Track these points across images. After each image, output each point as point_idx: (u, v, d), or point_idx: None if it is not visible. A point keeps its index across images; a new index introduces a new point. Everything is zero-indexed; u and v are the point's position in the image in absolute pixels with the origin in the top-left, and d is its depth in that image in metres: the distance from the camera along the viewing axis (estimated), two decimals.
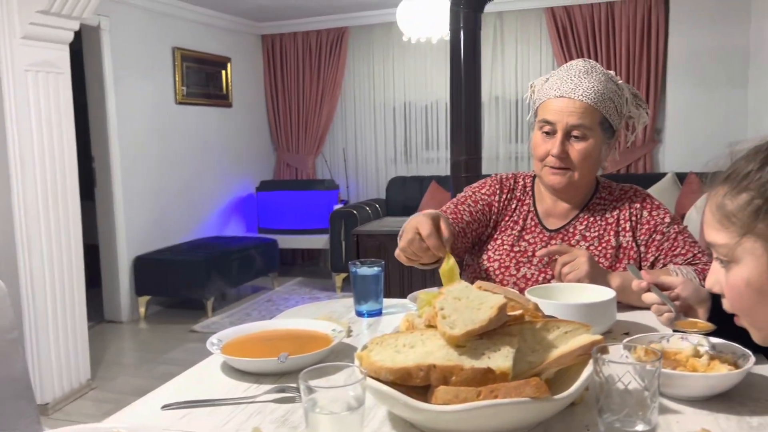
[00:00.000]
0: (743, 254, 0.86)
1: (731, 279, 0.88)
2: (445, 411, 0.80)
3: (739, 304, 0.90)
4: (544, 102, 1.55)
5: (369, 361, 0.90)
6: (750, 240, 0.84)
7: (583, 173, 1.53)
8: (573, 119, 1.49)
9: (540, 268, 1.57)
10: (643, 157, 5.37)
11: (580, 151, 1.51)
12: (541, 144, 1.54)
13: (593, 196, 1.63)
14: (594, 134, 1.51)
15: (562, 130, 1.50)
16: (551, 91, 1.53)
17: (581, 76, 1.51)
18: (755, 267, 0.85)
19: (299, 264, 6.53)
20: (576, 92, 1.49)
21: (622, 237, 1.56)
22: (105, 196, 4.64)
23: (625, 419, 0.83)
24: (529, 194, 1.67)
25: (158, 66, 5.07)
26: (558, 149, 1.50)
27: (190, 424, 0.94)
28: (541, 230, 1.61)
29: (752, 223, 0.84)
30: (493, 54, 5.72)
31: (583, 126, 1.49)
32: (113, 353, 4.10)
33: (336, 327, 1.28)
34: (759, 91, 4.71)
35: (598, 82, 1.51)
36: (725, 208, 0.87)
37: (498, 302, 0.92)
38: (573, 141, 1.51)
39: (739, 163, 0.88)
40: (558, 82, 1.54)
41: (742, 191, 0.85)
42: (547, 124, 1.52)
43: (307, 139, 6.33)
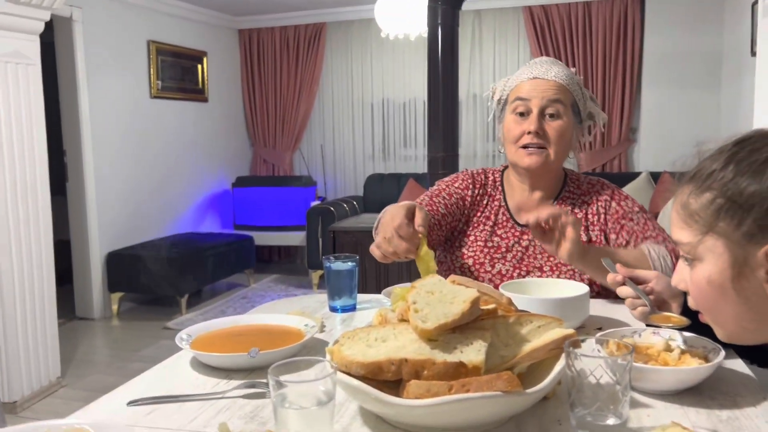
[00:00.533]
0: (705, 252, 0.87)
1: (694, 277, 0.89)
2: (416, 405, 0.79)
3: (702, 302, 0.91)
4: (517, 86, 1.56)
5: (340, 355, 0.88)
6: (711, 238, 0.86)
7: (558, 154, 1.53)
8: (549, 95, 1.50)
9: (514, 264, 1.57)
10: (618, 157, 5.42)
11: (556, 129, 1.51)
12: (514, 126, 1.54)
13: (562, 188, 1.63)
14: (567, 114, 1.53)
15: (537, 107, 1.51)
16: (523, 76, 1.55)
17: (550, 63, 1.55)
18: (716, 265, 0.86)
19: (276, 261, 6.49)
20: (549, 74, 1.52)
21: (592, 231, 1.57)
22: (77, 191, 4.56)
23: (597, 413, 0.83)
24: (499, 189, 1.66)
25: (133, 59, 4.99)
26: (536, 125, 1.50)
27: (157, 421, 0.92)
28: (513, 225, 1.61)
29: (714, 221, 0.85)
30: (472, 52, 5.74)
31: (559, 101, 1.51)
32: (85, 351, 4.03)
33: (309, 322, 1.27)
34: (731, 93, 4.78)
35: (566, 69, 1.56)
36: (689, 207, 0.88)
37: (471, 296, 0.91)
38: (548, 119, 1.52)
39: (704, 163, 0.89)
40: (527, 69, 1.56)
41: (705, 190, 0.87)
42: (522, 103, 1.52)
43: (285, 135, 6.29)
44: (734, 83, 4.68)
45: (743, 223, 0.82)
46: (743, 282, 0.84)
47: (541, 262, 1.55)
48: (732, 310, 0.87)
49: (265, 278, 5.79)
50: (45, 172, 3.22)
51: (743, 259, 0.83)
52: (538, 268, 1.55)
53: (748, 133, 0.90)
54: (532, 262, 1.56)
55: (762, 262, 0.82)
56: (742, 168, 0.84)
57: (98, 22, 4.60)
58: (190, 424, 0.91)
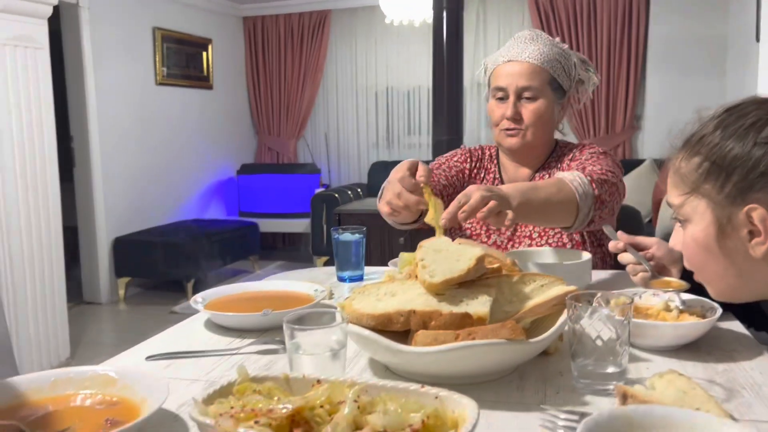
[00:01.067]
0: (691, 213, 0.91)
1: (684, 237, 0.94)
2: (424, 352, 0.83)
3: (692, 261, 0.95)
4: (495, 70, 1.62)
5: (351, 309, 0.92)
6: (696, 199, 0.90)
7: (537, 133, 1.60)
8: (522, 81, 1.56)
9: (508, 236, 1.64)
10: (623, 144, 5.44)
11: (532, 111, 1.58)
12: (496, 109, 1.62)
13: (550, 156, 1.69)
14: (544, 94, 1.58)
15: (513, 93, 1.57)
16: (499, 59, 1.62)
17: (527, 42, 1.59)
18: (700, 225, 0.90)
19: (280, 248, 6.53)
20: (522, 55, 1.57)
21: None
22: (84, 177, 4.59)
23: (597, 363, 0.86)
24: (495, 163, 1.74)
25: (138, 46, 5.02)
26: (511, 111, 1.57)
27: (175, 373, 0.96)
28: None
29: (699, 183, 0.89)
30: (476, 40, 5.75)
31: (533, 87, 1.56)
32: (92, 334, 4.09)
33: (318, 287, 1.30)
34: (736, 79, 4.79)
35: (544, 45, 1.59)
36: (680, 170, 0.93)
37: (477, 254, 0.95)
38: (525, 102, 1.58)
39: (697, 129, 0.94)
40: (506, 50, 1.62)
41: (695, 155, 0.91)
42: (499, 90, 1.60)
43: (289, 123, 6.32)
44: (739, 70, 4.69)
45: (726, 185, 0.86)
46: (727, 241, 0.88)
47: (530, 230, 1.63)
48: (717, 267, 0.91)
49: (270, 265, 5.83)
50: (54, 158, 3.26)
51: (726, 220, 0.87)
52: (527, 236, 1.63)
53: (739, 100, 0.94)
54: (523, 231, 1.64)
55: (744, 222, 0.86)
56: (728, 132, 0.88)
57: (104, 9, 4.62)
58: (206, 376, 0.95)
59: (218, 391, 0.73)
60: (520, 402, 0.83)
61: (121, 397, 0.80)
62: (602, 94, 5.37)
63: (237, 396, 0.73)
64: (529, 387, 0.88)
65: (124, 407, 0.78)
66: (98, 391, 0.81)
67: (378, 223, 1.95)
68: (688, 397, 0.78)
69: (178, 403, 0.84)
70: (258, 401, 0.70)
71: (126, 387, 0.81)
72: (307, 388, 0.75)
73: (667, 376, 0.83)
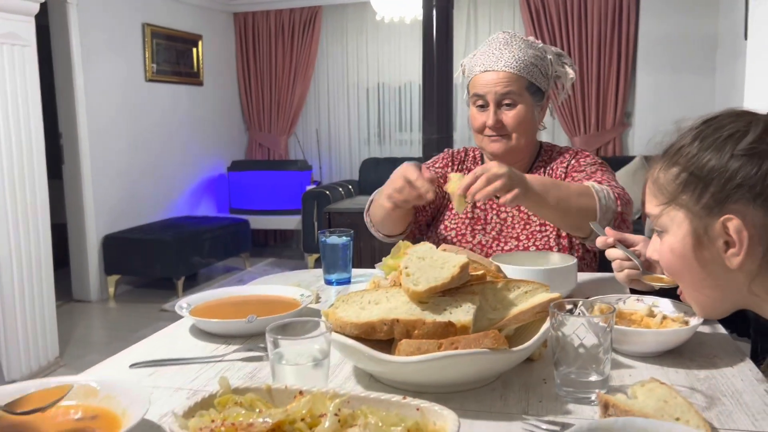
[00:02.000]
0: (668, 223, 0.92)
1: (661, 247, 0.95)
2: (407, 362, 0.83)
3: (669, 270, 0.96)
4: (473, 78, 1.65)
5: (335, 317, 0.92)
6: (674, 209, 0.91)
7: (520, 137, 1.62)
8: (500, 88, 1.58)
9: (494, 236, 1.65)
10: (613, 141, 5.45)
11: (513, 117, 1.60)
12: (477, 117, 1.63)
13: (536, 159, 1.71)
14: (523, 99, 1.60)
15: (492, 101, 1.59)
16: (476, 67, 1.63)
17: (502, 48, 1.60)
18: (677, 234, 0.91)
19: (271, 245, 6.52)
20: (498, 64, 1.58)
21: None
22: (73, 174, 4.57)
23: (580, 371, 0.87)
24: (479, 164, 1.75)
25: (127, 42, 4.98)
26: (492, 119, 1.59)
27: (158, 381, 0.96)
28: (492, 198, 1.65)
29: (677, 194, 0.90)
30: (467, 36, 5.75)
31: (511, 93, 1.58)
32: (82, 332, 4.07)
33: (304, 292, 1.30)
34: (726, 78, 4.81)
35: (519, 50, 1.59)
36: (658, 181, 0.94)
37: (461, 262, 0.95)
38: (505, 109, 1.60)
39: (676, 140, 0.95)
40: (481, 57, 1.63)
41: (673, 165, 0.92)
42: (479, 98, 1.62)
43: (280, 119, 6.30)
44: (729, 67, 4.70)
45: (703, 195, 0.87)
46: (704, 252, 0.89)
47: (517, 232, 1.64)
48: (693, 277, 0.92)
49: (261, 262, 5.83)
50: (42, 155, 3.24)
51: (703, 230, 0.88)
52: (514, 237, 1.63)
53: (717, 112, 0.95)
54: (510, 232, 1.64)
55: (719, 233, 0.86)
56: (705, 144, 0.89)
57: (93, 5, 4.59)
58: (190, 384, 0.94)
59: (199, 403, 0.73)
60: (502, 411, 0.83)
61: (102, 408, 0.80)
62: (593, 91, 5.39)
63: (218, 408, 0.73)
64: (512, 395, 0.88)
65: (105, 420, 0.78)
66: (79, 403, 0.81)
67: None
68: (669, 406, 0.79)
69: (161, 413, 0.84)
70: (239, 414, 0.70)
71: (108, 398, 0.81)
72: (290, 399, 0.75)
73: (649, 384, 0.83)
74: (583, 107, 5.44)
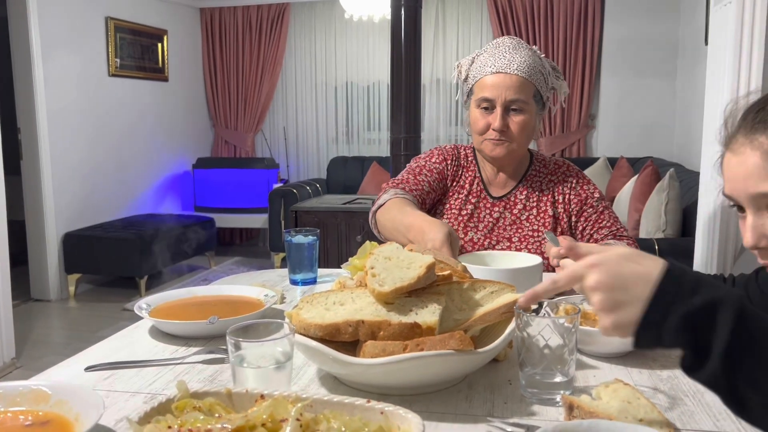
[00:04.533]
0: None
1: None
2: (372, 364, 0.82)
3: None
4: (481, 80, 1.60)
5: (299, 318, 0.90)
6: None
7: (521, 144, 1.62)
8: (511, 94, 1.55)
9: (485, 234, 1.64)
10: (577, 142, 5.52)
11: (518, 124, 1.58)
12: (481, 119, 1.60)
13: (529, 167, 1.71)
14: (529, 107, 1.59)
15: (501, 105, 1.56)
16: (486, 68, 1.59)
17: (512, 51, 1.58)
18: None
19: (237, 243, 6.44)
20: (510, 67, 1.56)
21: (557, 209, 1.65)
22: (32, 170, 4.44)
23: (545, 372, 0.86)
24: (473, 162, 1.73)
25: (90, 36, 4.86)
26: (499, 123, 1.56)
27: (115, 385, 0.93)
28: (486, 196, 1.69)
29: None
30: (435, 37, 5.76)
31: (521, 100, 1.56)
32: (40, 332, 3.96)
33: (268, 293, 1.28)
34: (686, 81, 4.91)
35: (528, 56, 1.58)
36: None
37: (427, 262, 0.94)
38: (512, 114, 1.58)
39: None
40: (491, 59, 1.59)
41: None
42: (485, 101, 1.58)
43: (247, 116, 6.22)
44: (689, 72, 4.81)
45: None
46: None
47: (510, 233, 1.63)
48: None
49: (227, 260, 5.75)
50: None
51: None
52: (507, 238, 1.63)
53: None
54: (501, 233, 1.64)
55: None
56: None
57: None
58: (148, 387, 0.92)
59: (156, 408, 0.70)
60: (467, 413, 0.83)
61: (54, 414, 0.77)
62: None
63: (176, 413, 0.70)
64: (477, 397, 0.87)
65: (57, 425, 0.75)
66: (29, 408, 0.78)
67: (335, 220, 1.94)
68: (632, 407, 0.79)
69: (117, 418, 0.81)
70: (197, 419, 0.67)
71: (60, 403, 0.78)
72: (251, 403, 0.73)
73: (613, 385, 0.84)
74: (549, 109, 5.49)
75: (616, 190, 4.49)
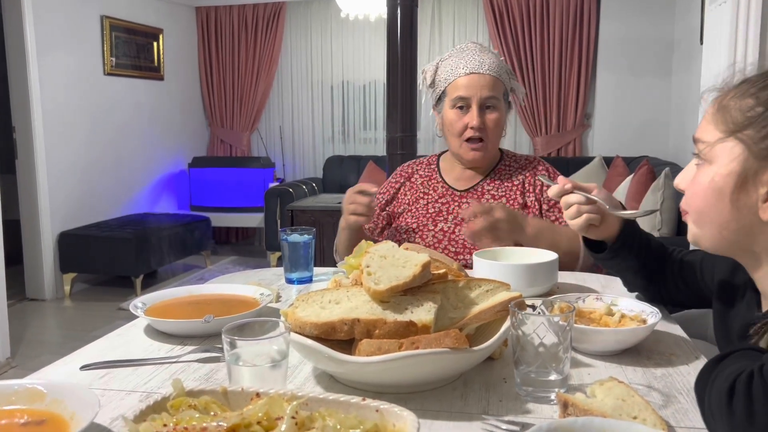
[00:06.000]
0: (720, 154, 0.86)
1: (700, 176, 0.89)
2: (367, 362, 0.82)
3: (694, 201, 0.91)
4: (454, 81, 1.66)
5: (294, 316, 0.90)
6: (732, 141, 0.85)
7: (494, 143, 1.69)
8: (485, 92, 1.63)
9: (456, 223, 1.68)
10: (573, 141, 5.53)
11: (493, 121, 1.65)
12: (457, 120, 1.66)
13: (499, 163, 1.77)
14: (501, 105, 1.66)
15: (476, 103, 1.63)
16: (459, 70, 1.66)
17: (480, 53, 1.66)
18: (725, 167, 0.85)
19: (233, 243, 6.43)
20: (482, 67, 1.63)
21: (527, 197, 1.71)
22: (27, 169, 4.42)
23: (540, 370, 0.87)
24: (435, 170, 1.80)
25: (85, 35, 4.85)
26: (477, 120, 1.63)
27: (110, 383, 0.93)
28: (452, 192, 1.75)
29: (743, 126, 0.84)
30: (431, 36, 5.76)
31: (494, 97, 1.64)
32: (35, 331, 3.95)
33: (264, 291, 1.28)
34: (681, 80, 4.92)
35: (495, 58, 1.67)
36: (727, 107, 0.87)
37: (422, 260, 0.94)
38: (487, 112, 1.65)
39: (756, 75, 0.88)
40: (461, 62, 1.66)
41: (748, 96, 0.85)
42: (461, 100, 1.65)
43: (242, 115, 6.22)
44: (684, 70, 4.82)
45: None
46: (742, 194, 0.84)
47: None
48: (720, 216, 0.87)
49: (223, 260, 5.75)
50: None
51: (753, 172, 0.83)
52: None
53: None
54: None
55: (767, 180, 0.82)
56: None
57: None
58: (144, 386, 0.92)
59: (151, 406, 0.70)
60: (462, 411, 0.83)
61: (50, 413, 0.77)
62: (554, 92, 5.45)
63: (171, 412, 0.70)
64: (472, 395, 0.88)
65: (52, 424, 0.75)
66: (25, 407, 0.78)
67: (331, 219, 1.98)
68: (627, 405, 0.79)
69: (112, 417, 0.81)
70: (192, 417, 0.67)
71: (55, 402, 0.78)
72: (246, 401, 0.73)
73: (607, 383, 0.84)
74: (545, 108, 5.51)
75: (612, 189, 4.50)
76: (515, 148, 5.74)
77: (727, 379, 0.72)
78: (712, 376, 0.75)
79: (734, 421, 0.69)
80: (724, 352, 0.79)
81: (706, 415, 0.75)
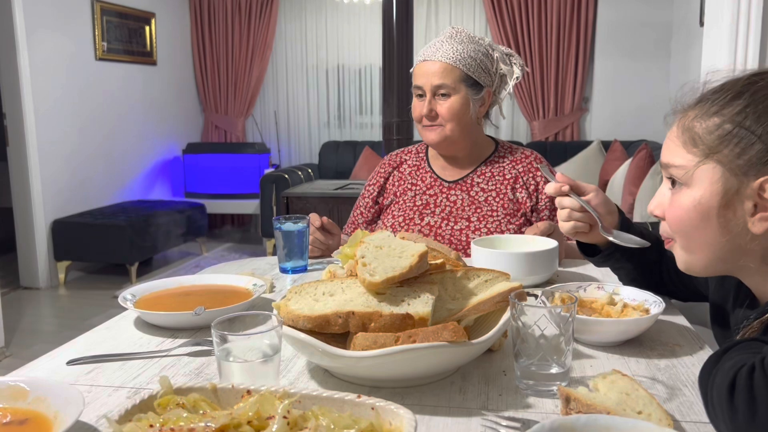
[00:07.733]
0: (701, 177, 0.85)
1: (680, 200, 0.87)
2: (363, 356, 0.79)
3: (679, 226, 0.89)
4: (414, 69, 1.69)
5: (287, 309, 0.87)
6: (710, 163, 0.84)
7: (454, 128, 1.66)
8: (435, 79, 1.63)
9: (443, 217, 1.67)
10: (571, 125, 5.50)
11: (447, 108, 1.64)
12: (416, 107, 1.69)
13: (492, 153, 1.75)
14: (457, 91, 1.63)
15: (429, 91, 1.64)
16: (418, 58, 1.69)
17: (444, 40, 1.65)
18: (708, 190, 0.84)
19: (229, 229, 6.40)
20: (436, 55, 1.63)
21: (519, 193, 1.68)
22: (18, 156, 4.37)
23: (540, 363, 0.84)
24: (423, 159, 1.79)
25: (76, 19, 4.77)
26: (426, 108, 1.65)
27: (97, 379, 0.90)
28: (440, 183, 1.73)
29: (717, 147, 0.83)
30: (427, 19, 5.69)
31: (445, 84, 1.62)
32: (30, 320, 3.92)
33: (257, 282, 1.25)
34: (680, 63, 4.88)
35: (459, 43, 1.63)
36: (693, 129, 0.86)
37: (419, 250, 0.91)
38: (439, 99, 1.65)
39: (711, 92, 0.87)
40: (424, 48, 1.68)
41: (712, 115, 0.84)
42: (417, 88, 1.67)
43: (237, 101, 6.15)
44: (683, 54, 4.77)
45: (746, 152, 0.81)
46: (729, 212, 0.83)
47: (468, 214, 1.67)
48: (709, 238, 0.86)
49: (218, 247, 5.71)
50: None
51: (736, 189, 0.82)
52: (465, 218, 1.66)
53: (765, 68, 0.90)
54: (460, 213, 1.67)
55: (752, 194, 0.81)
56: (757, 98, 0.82)
57: None
58: (132, 382, 0.89)
59: (137, 405, 0.67)
60: (461, 406, 0.80)
61: (33, 411, 0.74)
62: (551, 76, 5.41)
63: (158, 411, 0.67)
64: (471, 389, 0.85)
65: (35, 423, 0.72)
66: (7, 405, 0.75)
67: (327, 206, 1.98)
68: (631, 399, 0.77)
69: (99, 414, 0.78)
70: (180, 417, 0.65)
71: (38, 400, 0.75)
72: (237, 399, 0.70)
73: (610, 376, 0.81)
74: (542, 92, 5.46)
75: (610, 173, 4.47)
76: (512, 132, 5.70)
77: (728, 373, 0.70)
78: (714, 371, 0.73)
79: (736, 416, 0.68)
80: (726, 345, 0.77)
81: (709, 410, 0.73)
